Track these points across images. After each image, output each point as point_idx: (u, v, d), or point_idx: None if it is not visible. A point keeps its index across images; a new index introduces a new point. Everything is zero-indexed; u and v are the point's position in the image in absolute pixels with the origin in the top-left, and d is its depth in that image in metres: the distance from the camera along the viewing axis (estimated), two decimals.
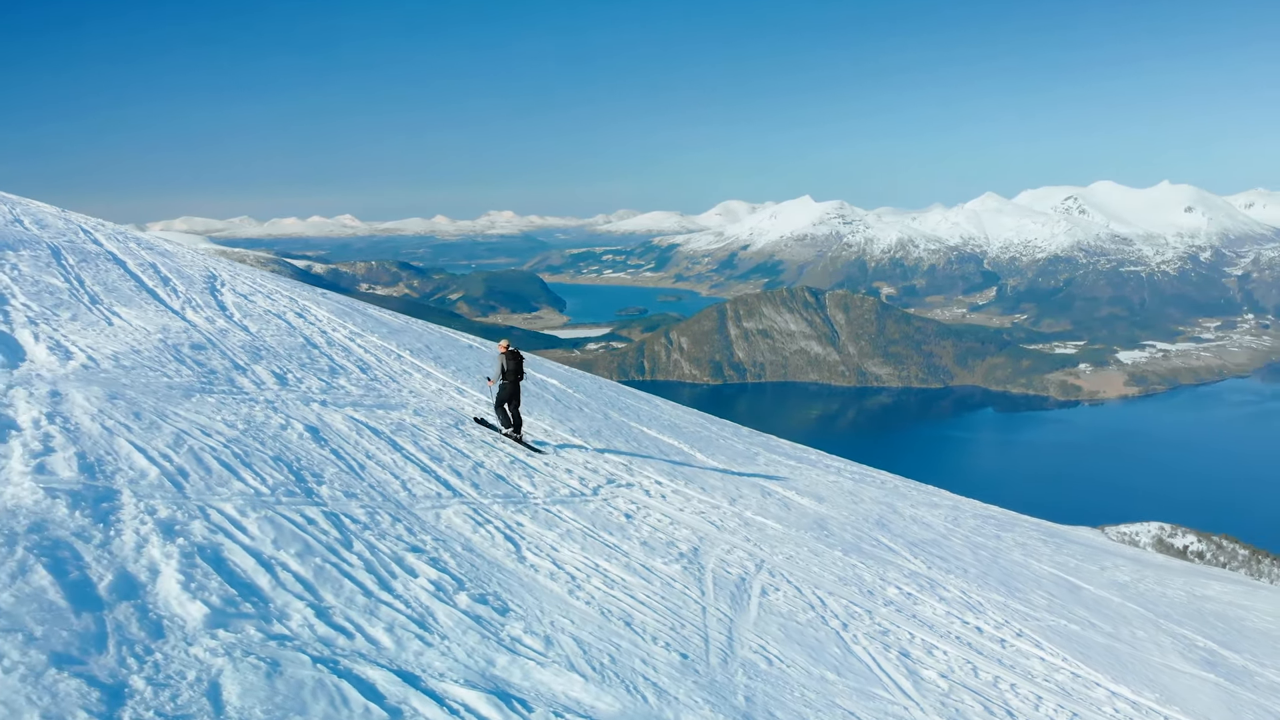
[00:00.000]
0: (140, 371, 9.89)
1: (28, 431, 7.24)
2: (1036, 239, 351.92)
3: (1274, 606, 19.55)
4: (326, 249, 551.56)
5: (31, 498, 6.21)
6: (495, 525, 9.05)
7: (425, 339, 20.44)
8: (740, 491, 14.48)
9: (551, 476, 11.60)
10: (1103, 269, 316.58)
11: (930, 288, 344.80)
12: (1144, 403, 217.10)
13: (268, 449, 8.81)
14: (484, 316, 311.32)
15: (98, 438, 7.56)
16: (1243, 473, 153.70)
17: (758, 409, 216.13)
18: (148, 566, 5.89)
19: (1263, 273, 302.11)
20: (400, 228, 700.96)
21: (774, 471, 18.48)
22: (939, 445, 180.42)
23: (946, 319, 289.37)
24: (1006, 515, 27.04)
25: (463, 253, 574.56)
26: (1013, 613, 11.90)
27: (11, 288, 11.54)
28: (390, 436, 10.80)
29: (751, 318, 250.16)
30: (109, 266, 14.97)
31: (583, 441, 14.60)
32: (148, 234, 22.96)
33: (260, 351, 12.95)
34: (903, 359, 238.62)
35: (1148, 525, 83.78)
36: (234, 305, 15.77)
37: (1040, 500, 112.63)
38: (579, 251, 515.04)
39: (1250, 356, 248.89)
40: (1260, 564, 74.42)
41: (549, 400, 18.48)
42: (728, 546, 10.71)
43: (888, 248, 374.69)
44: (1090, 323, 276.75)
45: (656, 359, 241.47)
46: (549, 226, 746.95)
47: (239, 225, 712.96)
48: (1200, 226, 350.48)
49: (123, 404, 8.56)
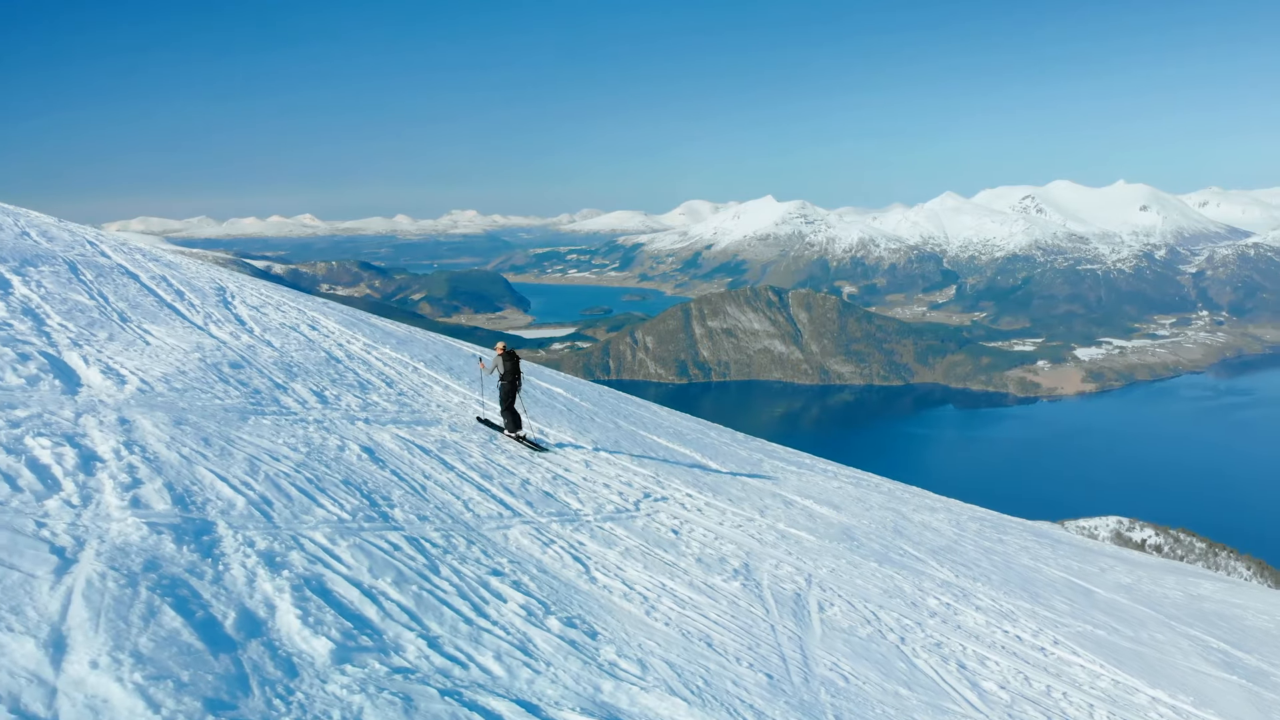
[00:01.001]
0: (192, 394, 9.81)
1: (111, 463, 7.17)
2: (995, 238, 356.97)
3: (1264, 604, 20.14)
4: (286, 249, 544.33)
5: (137, 534, 6.18)
6: (560, 545, 9.11)
7: (433, 349, 20.39)
8: (764, 502, 14.65)
9: (593, 492, 11.67)
10: (1060, 267, 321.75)
11: (891, 286, 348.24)
12: (1101, 399, 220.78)
13: (335, 473, 8.80)
14: (447, 317, 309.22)
15: (179, 467, 7.52)
16: (1198, 467, 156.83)
17: (723, 407, 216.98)
18: (264, 602, 5.89)
19: (1216, 270, 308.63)
20: (361, 227, 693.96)
21: (784, 478, 18.68)
22: (902, 442, 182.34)
23: (907, 317, 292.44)
24: (995, 517, 27.56)
25: (425, 252, 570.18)
26: (1043, 619, 12.19)
27: (44, 307, 11.35)
28: (439, 455, 10.82)
29: (716, 317, 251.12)
30: (125, 281, 14.76)
31: (608, 455, 14.67)
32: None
33: (292, 368, 12.87)
34: (864, 357, 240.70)
35: (1106, 519, 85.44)
36: (250, 319, 15.62)
37: (1001, 495, 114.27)
38: (543, 251, 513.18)
39: (1205, 352, 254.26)
40: (1217, 556, 76.21)
41: (560, 410, 18.53)
42: (774, 561, 10.86)
43: (849, 247, 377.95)
44: (1048, 320, 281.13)
45: (622, 358, 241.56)
46: (513, 226, 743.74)
47: (197, 225, 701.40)
48: (1155, 225, 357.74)
49: (189, 429, 8.50)
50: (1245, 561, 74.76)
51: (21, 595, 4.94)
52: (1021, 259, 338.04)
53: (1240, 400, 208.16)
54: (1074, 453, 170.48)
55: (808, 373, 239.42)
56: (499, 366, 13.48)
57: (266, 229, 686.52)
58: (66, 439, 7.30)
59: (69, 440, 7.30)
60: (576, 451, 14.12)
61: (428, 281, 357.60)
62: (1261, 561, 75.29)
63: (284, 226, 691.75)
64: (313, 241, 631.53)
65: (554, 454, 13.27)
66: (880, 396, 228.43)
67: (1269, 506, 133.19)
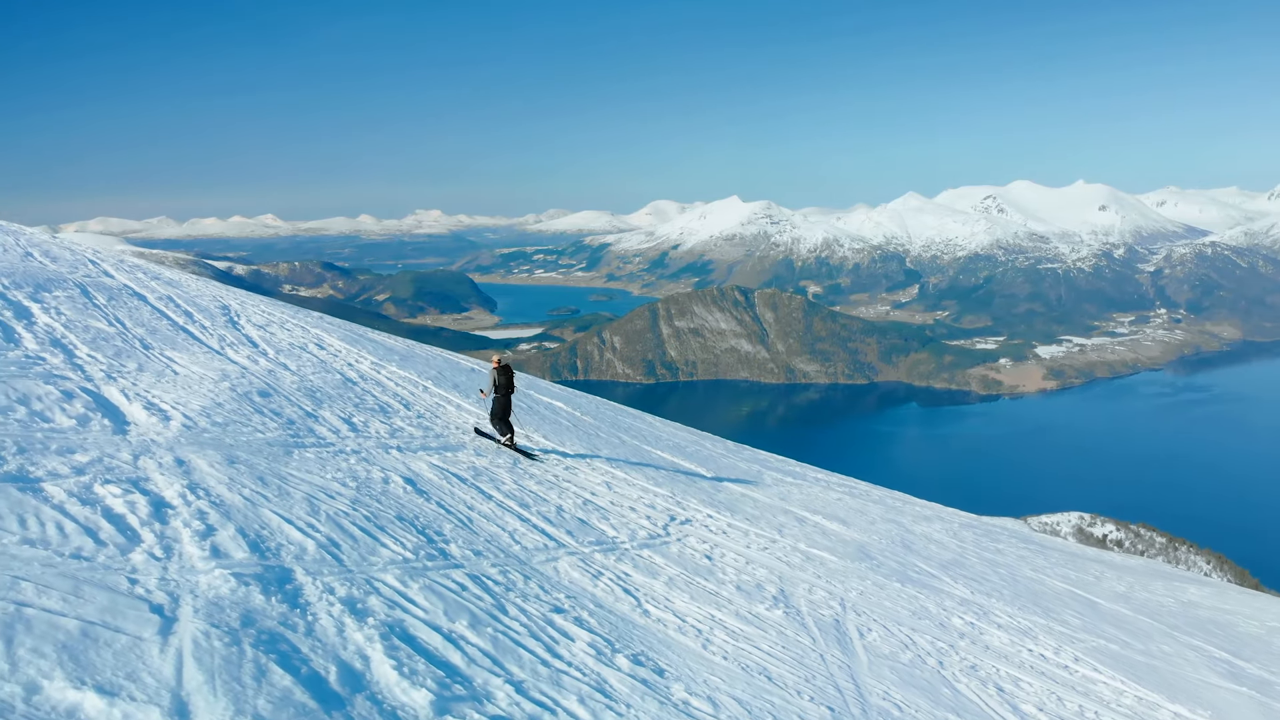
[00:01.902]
0: (233, 428, 9.78)
1: (181, 509, 7.16)
2: (957, 237, 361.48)
3: (1250, 609, 20.72)
4: (248, 249, 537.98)
5: (226, 586, 6.19)
6: (608, 577, 9.22)
7: (434, 365, 20.38)
8: (779, 520, 14.85)
9: (623, 517, 11.77)
10: (1021, 266, 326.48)
11: (855, 286, 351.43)
12: (1062, 396, 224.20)
13: (387, 508, 8.83)
14: (412, 317, 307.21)
15: (244, 510, 7.52)
16: (1157, 462, 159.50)
17: (690, 407, 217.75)
18: (358, 653, 5.95)
19: (1174, 269, 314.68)
20: (324, 227, 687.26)
21: (786, 492, 18.90)
22: (868, 440, 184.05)
23: (871, 316, 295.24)
24: (983, 523, 28.04)
25: (389, 252, 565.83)
26: (1059, 635, 12.49)
27: (69, 337, 11.23)
28: (475, 483, 10.87)
29: (683, 317, 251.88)
30: (135, 304, 14.61)
31: (624, 474, 14.78)
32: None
33: (315, 394, 12.83)
34: (830, 356, 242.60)
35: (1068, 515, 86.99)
36: (261, 339, 15.53)
37: (965, 492, 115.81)
38: (509, 251, 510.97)
39: (1163, 350, 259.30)
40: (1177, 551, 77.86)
41: (565, 425, 18.59)
42: (807, 585, 11.03)
43: (814, 247, 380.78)
44: (1009, 319, 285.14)
45: (590, 358, 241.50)
46: (478, 226, 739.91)
47: (157, 226, 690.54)
48: (1114, 224, 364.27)
49: (243, 468, 8.49)
50: (1205, 556, 76.50)
51: (135, 661, 4.96)
52: (983, 258, 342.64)
53: (1198, 397, 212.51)
54: (1036, 449, 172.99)
55: (774, 372, 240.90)
56: (495, 380, 13.97)
57: (228, 229, 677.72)
58: (133, 484, 7.28)
59: (135, 486, 7.28)
60: (593, 471, 14.21)
61: (392, 282, 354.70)
62: (1221, 555, 77.08)
63: (246, 227, 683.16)
64: (275, 242, 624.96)
65: (578, 477, 13.35)
66: (845, 395, 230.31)
67: (1226, 501, 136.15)
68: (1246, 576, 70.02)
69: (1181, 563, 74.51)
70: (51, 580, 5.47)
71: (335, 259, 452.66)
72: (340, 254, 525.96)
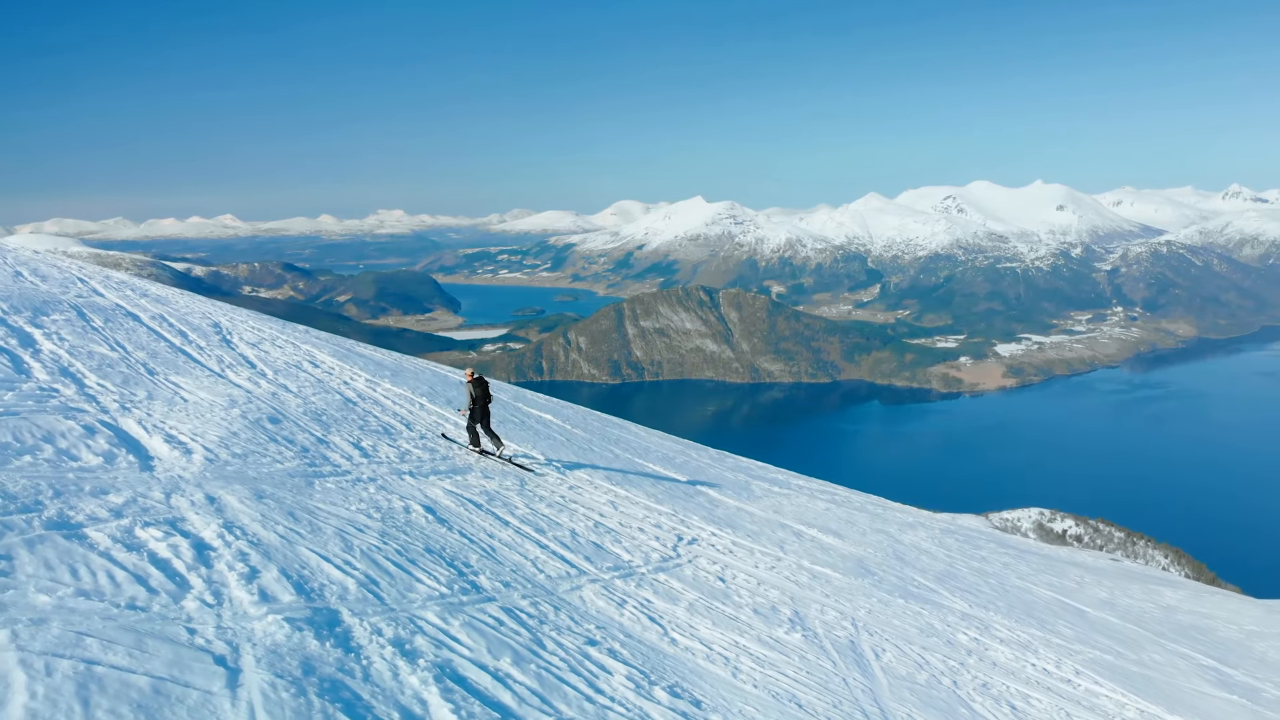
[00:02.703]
0: (253, 459, 9.76)
1: (222, 550, 7.16)
2: (918, 237, 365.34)
3: (1225, 612, 21.31)
4: (207, 250, 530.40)
5: (281, 633, 6.22)
6: (632, 605, 9.32)
7: (424, 379, 20.36)
8: (778, 535, 15.06)
9: (633, 539, 11.89)
10: (980, 265, 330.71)
11: (818, 286, 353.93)
12: (1021, 393, 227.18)
13: (415, 540, 8.87)
14: (374, 319, 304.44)
15: (282, 548, 7.53)
16: (1114, 458, 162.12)
17: (657, 407, 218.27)
18: (415, 697, 6.02)
19: (1130, 267, 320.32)
20: (284, 228, 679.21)
21: (777, 504, 19.13)
22: (833, 439, 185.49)
23: (834, 315, 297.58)
24: (959, 526, 28.51)
25: (351, 253, 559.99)
26: (1056, 648, 12.81)
27: (76, 365, 11.11)
28: (490, 509, 10.93)
29: (648, 317, 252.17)
30: (131, 325, 14.46)
31: (625, 491, 14.90)
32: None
33: (321, 417, 12.81)
34: (793, 355, 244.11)
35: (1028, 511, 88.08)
36: (257, 359, 15.44)
37: (927, 489, 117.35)
38: (473, 251, 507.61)
39: (1119, 347, 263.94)
40: (1135, 545, 79.31)
41: (560, 440, 18.66)
42: (818, 606, 11.22)
43: (777, 247, 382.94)
44: (969, 317, 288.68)
45: (555, 359, 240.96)
46: (441, 226, 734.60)
47: (114, 227, 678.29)
48: (1071, 224, 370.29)
49: (271, 503, 8.49)
50: (1163, 550, 77.94)
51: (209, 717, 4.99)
52: (943, 258, 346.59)
53: (1154, 393, 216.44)
54: (996, 446, 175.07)
55: (739, 371, 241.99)
56: (471, 393, 14.14)
57: (186, 230, 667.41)
58: (172, 526, 7.27)
59: (174, 527, 7.26)
60: (596, 490, 14.31)
61: (354, 283, 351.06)
62: (1178, 550, 78.59)
63: (204, 227, 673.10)
64: (234, 243, 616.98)
65: (583, 496, 13.44)
66: (809, 393, 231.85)
67: (1183, 495, 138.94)
68: (1204, 570, 71.43)
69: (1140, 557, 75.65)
70: (114, 634, 5.47)
71: (296, 260, 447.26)
72: (301, 255, 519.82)
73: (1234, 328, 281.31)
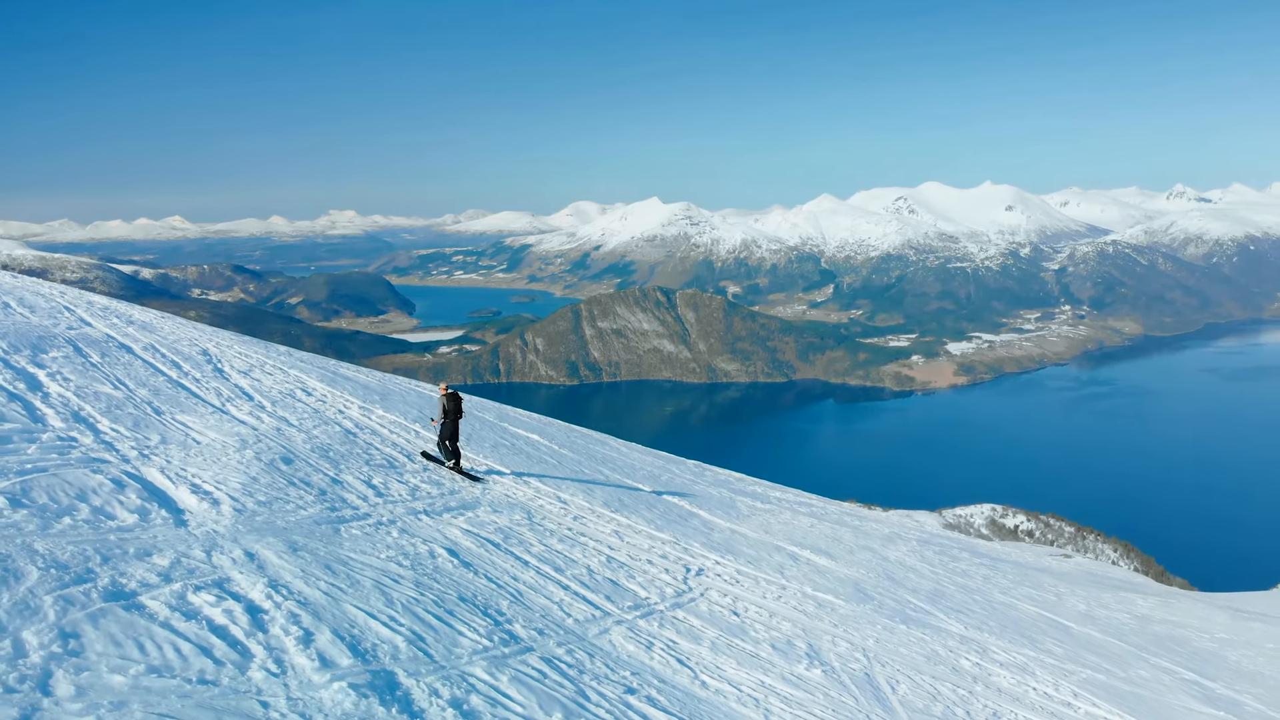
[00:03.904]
0: (277, 506, 9.78)
1: (274, 613, 7.19)
2: (870, 238, 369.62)
3: (1196, 620, 22.06)
4: (155, 253, 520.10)
5: (349, 700, 6.31)
6: (659, 647, 9.50)
7: (412, 401, 20.34)
8: (775, 559, 15.36)
9: (644, 572, 12.07)
10: (931, 265, 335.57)
11: (773, 286, 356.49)
12: (972, 391, 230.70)
13: (447, 588, 8.97)
14: (327, 321, 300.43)
15: (329, 607, 7.59)
16: (1063, 454, 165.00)
17: (615, 408, 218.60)
18: None
19: (1077, 266, 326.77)
20: (234, 229, 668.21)
21: (765, 523, 19.48)
22: (790, 438, 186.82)
23: (788, 315, 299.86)
24: (934, 536, 29.09)
25: (302, 254, 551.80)
26: (1051, 669, 13.24)
27: (85, 408, 11.01)
28: (508, 549, 11.05)
29: (606, 318, 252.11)
30: (128, 359, 14.32)
31: (627, 520, 15.08)
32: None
33: (328, 453, 12.83)
34: (749, 355, 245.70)
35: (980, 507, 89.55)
36: (253, 389, 15.38)
37: (882, 486, 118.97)
38: (428, 252, 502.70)
39: (1067, 345, 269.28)
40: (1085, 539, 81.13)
41: (551, 463, 18.77)
42: (829, 637, 11.51)
43: (733, 248, 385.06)
44: (921, 316, 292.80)
45: (512, 361, 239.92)
46: (395, 226, 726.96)
47: (59, 229, 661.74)
48: (1020, 224, 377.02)
49: (307, 556, 8.54)
50: (1112, 544, 79.82)
51: None
52: (895, 258, 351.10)
53: (1101, 390, 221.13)
54: (948, 443, 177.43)
55: (696, 371, 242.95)
56: (444, 406, 14.59)
57: (133, 232, 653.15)
58: (220, 588, 7.29)
59: (223, 589, 7.29)
60: (598, 520, 14.47)
61: (305, 284, 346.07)
62: (1127, 544, 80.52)
63: (152, 229, 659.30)
64: (182, 244, 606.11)
65: (588, 528, 13.59)
66: (765, 393, 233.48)
67: (1130, 489, 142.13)
68: (1152, 563, 73.20)
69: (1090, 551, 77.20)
70: (195, 714, 5.52)
71: (246, 261, 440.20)
72: (251, 256, 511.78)
73: (1179, 325, 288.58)
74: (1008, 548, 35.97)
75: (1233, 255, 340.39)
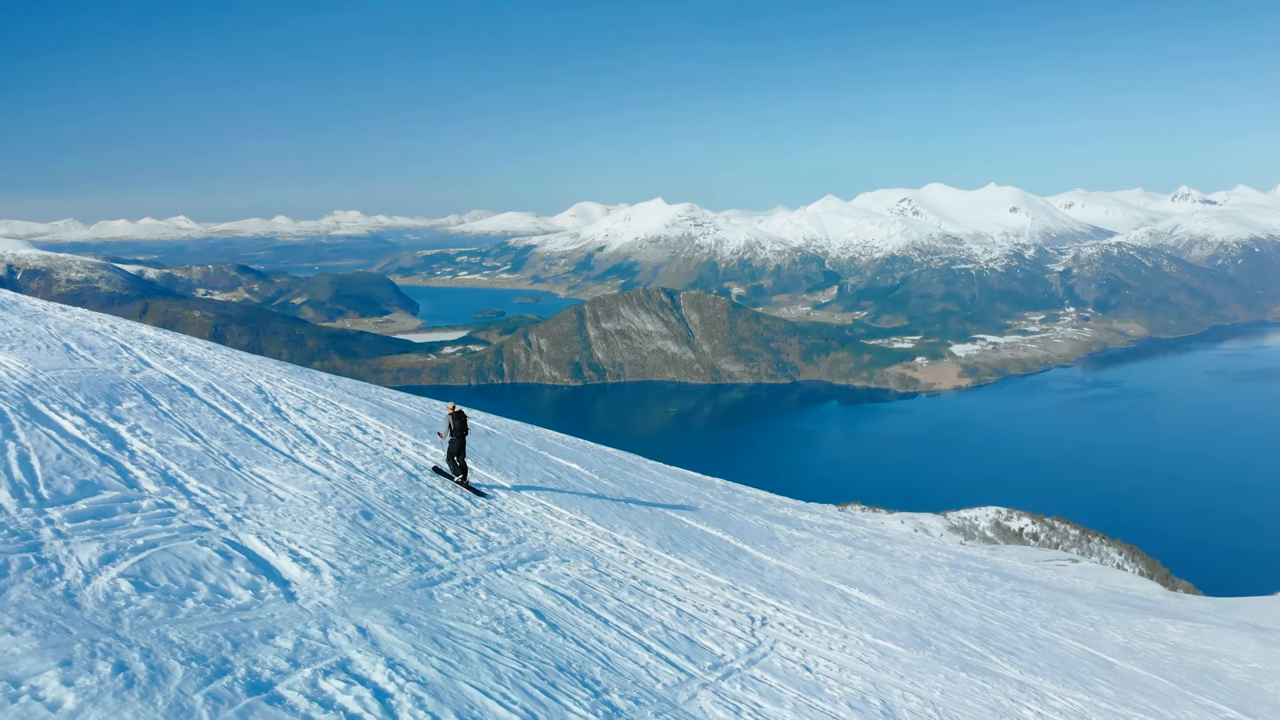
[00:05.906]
0: (371, 571, 9.99)
1: (399, 696, 7.33)
2: (874, 239, 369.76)
3: (1227, 648, 22.28)
4: (159, 252, 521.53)
5: None
6: (747, 712, 9.68)
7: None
8: (828, 601, 15.59)
9: (713, 625, 12.28)
10: (936, 267, 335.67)
11: (776, 287, 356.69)
12: (976, 393, 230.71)
13: (544, 657, 9.17)
14: (331, 321, 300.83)
15: (445, 686, 7.77)
16: (1067, 456, 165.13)
17: (619, 409, 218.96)
18: None
19: (1082, 268, 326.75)
20: (238, 229, 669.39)
21: (808, 556, 19.76)
22: (794, 440, 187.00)
23: (792, 317, 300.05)
24: (961, 557, 29.26)
25: (307, 254, 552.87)
26: (1105, 713, 13.45)
27: (172, 467, 11.22)
28: (587, 606, 11.26)
29: (609, 318, 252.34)
30: (194, 404, 14.55)
31: (681, 561, 15.31)
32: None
33: (400, 502, 13.09)
34: (753, 356, 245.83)
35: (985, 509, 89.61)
36: (313, 431, 15.64)
37: (884, 488, 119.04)
38: (432, 253, 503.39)
39: (1072, 347, 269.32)
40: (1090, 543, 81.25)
41: (593, 494, 18.98)
42: (899, 691, 11.72)
43: (737, 249, 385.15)
44: (925, 318, 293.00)
45: (516, 361, 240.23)
46: (399, 227, 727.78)
47: (64, 229, 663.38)
48: (1024, 225, 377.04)
49: (413, 628, 8.74)
50: (1116, 547, 79.89)
51: None
52: (899, 259, 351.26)
53: (1105, 392, 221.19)
54: (952, 445, 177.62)
55: (700, 372, 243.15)
56: (450, 424, 15.53)
57: (138, 231, 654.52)
58: (345, 671, 7.47)
59: (347, 673, 7.47)
60: (655, 563, 14.70)
61: (310, 284, 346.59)
62: (1132, 546, 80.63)
63: (156, 229, 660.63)
64: (187, 244, 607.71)
65: (648, 573, 13.81)
66: (769, 394, 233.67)
67: (1135, 492, 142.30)
68: (1158, 566, 73.20)
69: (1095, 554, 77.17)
70: None
71: (250, 261, 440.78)
72: (256, 256, 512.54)
73: (1183, 327, 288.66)
74: (1034, 568, 36.18)
75: (1238, 257, 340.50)
